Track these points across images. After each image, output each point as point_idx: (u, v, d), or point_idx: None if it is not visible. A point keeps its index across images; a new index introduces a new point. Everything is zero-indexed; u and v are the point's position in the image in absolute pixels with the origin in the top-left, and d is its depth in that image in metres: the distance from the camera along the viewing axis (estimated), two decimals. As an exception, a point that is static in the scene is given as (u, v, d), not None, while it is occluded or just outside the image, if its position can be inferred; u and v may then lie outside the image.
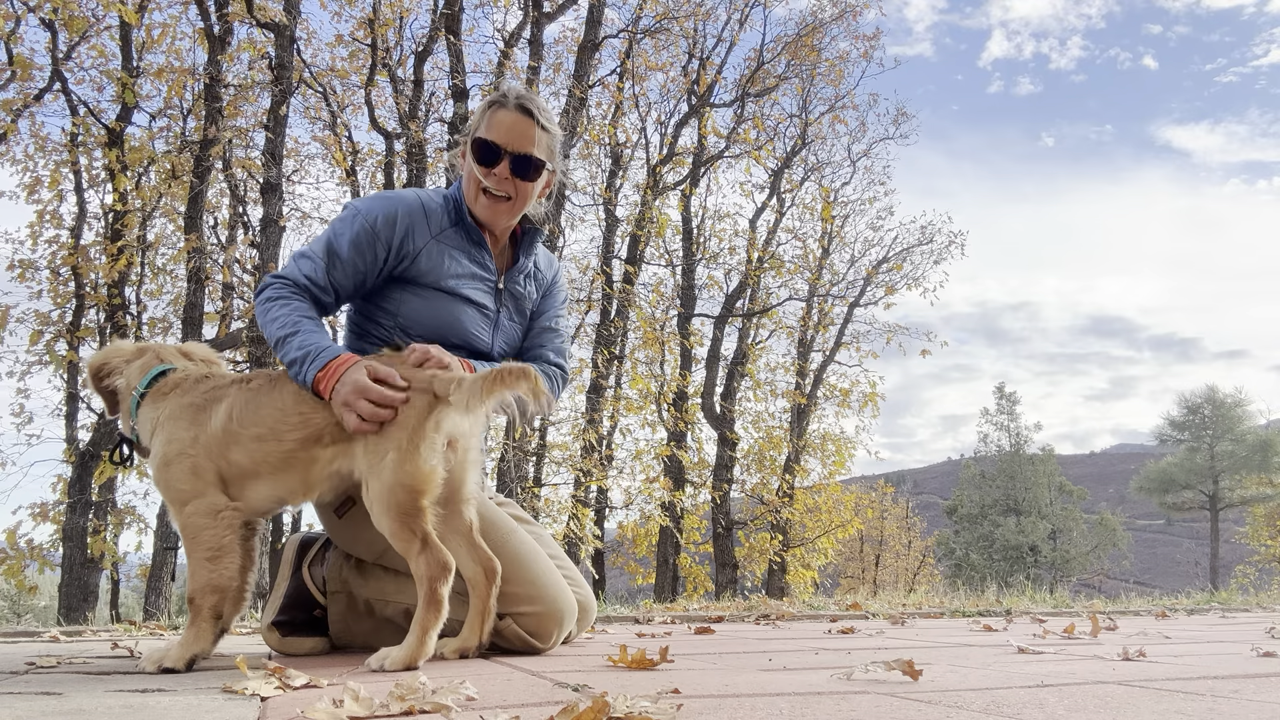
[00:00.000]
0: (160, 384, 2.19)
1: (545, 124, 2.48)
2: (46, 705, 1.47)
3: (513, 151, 2.43)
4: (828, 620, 4.00)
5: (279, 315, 2.25)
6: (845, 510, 18.61)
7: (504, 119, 2.44)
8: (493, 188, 2.44)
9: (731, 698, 1.51)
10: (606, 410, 14.28)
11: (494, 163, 2.43)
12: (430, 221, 2.44)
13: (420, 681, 1.44)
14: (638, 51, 14.94)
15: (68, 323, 11.30)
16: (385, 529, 2.01)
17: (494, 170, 2.43)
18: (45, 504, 10.32)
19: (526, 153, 2.44)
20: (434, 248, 2.43)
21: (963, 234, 19.05)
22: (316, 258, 2.35)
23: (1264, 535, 33.01)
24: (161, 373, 2.21)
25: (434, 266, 2.42)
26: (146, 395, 2.18)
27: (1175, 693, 1.58)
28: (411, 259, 2.41)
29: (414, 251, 2.41)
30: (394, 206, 2.40)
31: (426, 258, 2.42)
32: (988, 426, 45.77)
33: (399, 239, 2.39)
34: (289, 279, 2.34)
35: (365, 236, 2.35)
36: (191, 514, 2.05)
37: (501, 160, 2.42)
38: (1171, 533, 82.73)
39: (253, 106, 12.00)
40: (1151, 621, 4.06)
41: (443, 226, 2.46)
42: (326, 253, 2.35)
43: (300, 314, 2.26)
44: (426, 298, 2.43)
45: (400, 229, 2.38)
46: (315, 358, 2.14)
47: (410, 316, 2.43)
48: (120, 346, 2.32)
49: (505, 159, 2.42)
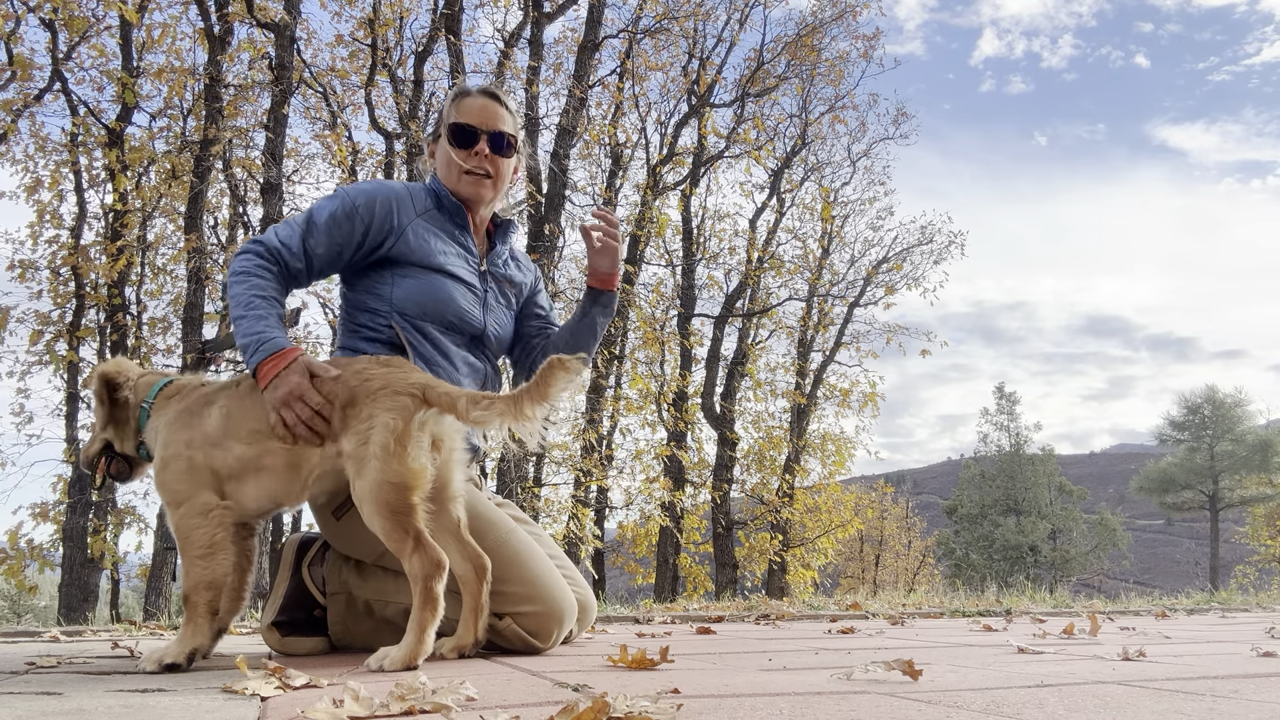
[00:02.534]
0: (162, 394, 2.25)
1: (509, 106, 2.60)
2: (46, 705, 1.47)
3: (488, 130, 2.54)
4: (828, 620, 4.00)
5: (237, 294, 2.29)
6: (845, 510, 18.61)
7: (473, 103, 2.56)
8: (473, 167, 2.53)
9: (731, 698, 1.51)
10: (606, 410, 14.29)
11: (472, 143, 2.53)
12: (414, 203, 2.51)
13: (420, 681, 1.44)
14: (638, 51, 14.94)
15: (68, 323, 11.30)
16: (377, 528, 2.02)
17: (473, 150, 2.52)
18: (45, 504, 10.33)
19: (500, 129, 2.55)
20: (419, 225, 2.48)
21: (963, 234, 19.07)
22: (295, 224, 2.42)
23: (1264, 535, 33.02)
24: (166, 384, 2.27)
25: (420, 244, 2.47)
26: (153, 406, 2.23)
27: (1175, 693, 1.58)
28: (397, 236, 2.45)
29: (398, 228, 2.45)
30: (376, 189, 2.48)
31: (413, 234, 2.46)
32: (987, 426, 45.78)
33: (379, 218, 2.43)
34: (261, 243, 2.38)
35: (343, 212, 2.41)
36: (184, 515, 2.08)
37: (479, 139, 2.53)
38: (1171, 533, 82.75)
39: (253, 106, 12.00)
40: (1151, 621, 4.06)
41: (426, 207, 2.53)
42: (306, 220, 2.41)
43: (256, 292, 2.28)
44: (417, 276, 2.46)
45: (381, 209, 2.44)
46: (258, 348, 2.19)
47: (402, 297, 2.45)
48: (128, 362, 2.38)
49: (482, 137, 2.53)
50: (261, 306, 2.27)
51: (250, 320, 2.24)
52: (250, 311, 2.25)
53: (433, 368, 2.42)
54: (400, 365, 2.17)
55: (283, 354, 2.16)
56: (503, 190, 2.63)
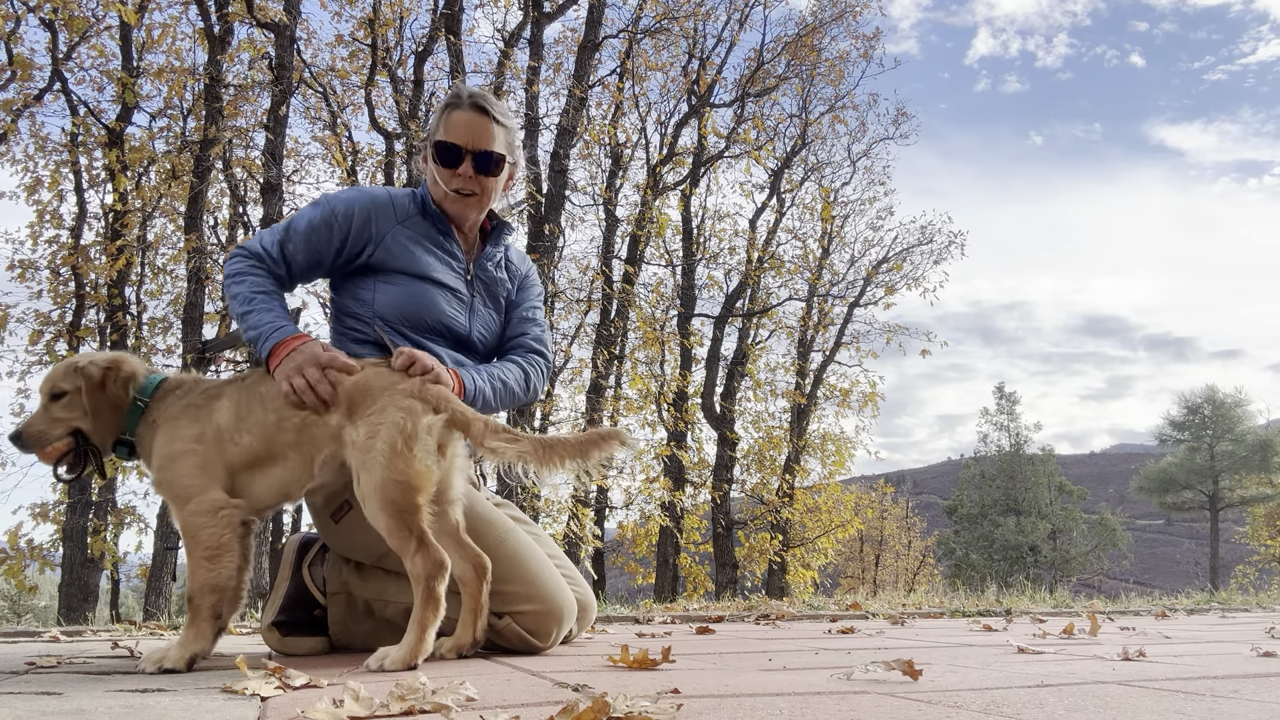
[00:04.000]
0: (160, 390, 2.23)
1: (501, 119, 2.53)
2: (46, 705, 1.47)
3: (473, 149, 2.48)
4: (828, 620, 4.00)
5: (237, 292, 2.35)
6: (845, 510, 18.61)
7: (460, 119, 2.49)
8: (458, 188, 2.50)
9: (731, 698, 1.51)
10: (606, 410, 14.28)
11: (456, 163, 2.48)
12: (396, 211, 2.50)
13: (420, 681, 1.44)
14: (638, 51, 14.93)
15: (68, 323, 11.31)
16: (381, 526, 2.03)
17: (458, 171, 2.48)
18: (45, 504, 10.34)
19: (486, 149, 2.49)
20: (399, 233, 2.47)
21: (963, 234, 19.08)
22: (276, 230, 2.45)
23: (1264, 535, 33.02)
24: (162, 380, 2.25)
25: (401, 252, 2.46)
26: (150, 402, 2.21)
27: (1175, 693, 1.58)
28: (376, 244, 2.44)
29: (376, 237, 2.45)
30: (356, 197, 2.47)
31: (393, 242, 2.46)
32: (987, 426, 45.76)
33: (356, 227, 2.43)
34: (247, 249, 2.42)
35: (322, 220, 2.43)
36: (192, 512, 2.06)
37: (463, 160, 2.48)
38: (1171, 533, 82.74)
39: (253, 106, 12.00)
40: (1151, 621, 4.06)
41: (409, 214, 2.52)
42: (286, 227, 2.44)
43: (254, 289, 2.34)
44: (398, 283, 2.46)
45: (359, 218, 2.44)
46: (270, 335, 2.24)
47: (384, 304, 2.45)
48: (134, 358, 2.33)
49: (467, 158, 2.48)
50: (264, 300, 2.31)
51: (257, 313, 2.28)
52: (255, 305, 2.29)
53: None
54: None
55: (293, 338, 2.22)
56: (490, 204, 2.61)
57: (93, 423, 2.19)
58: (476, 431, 2.09)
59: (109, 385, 2.19)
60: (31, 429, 2.19)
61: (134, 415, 2.21)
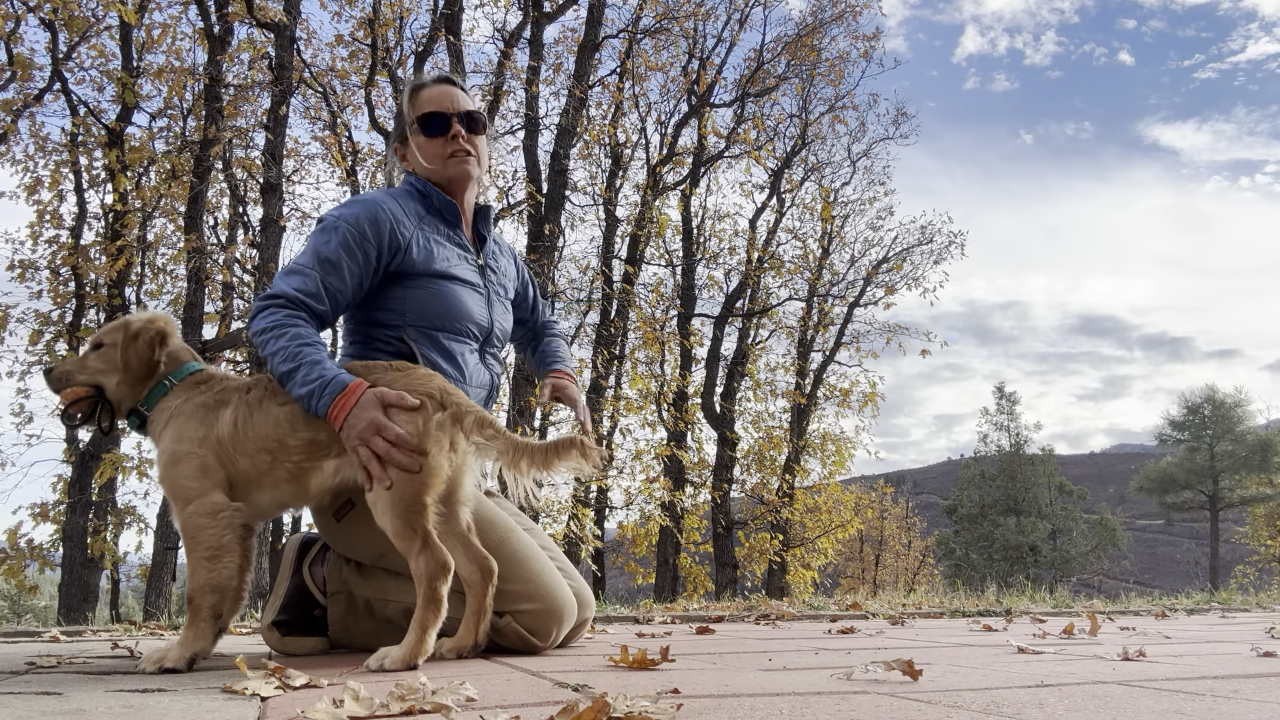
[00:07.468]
0: (191, 378, 2.22)
1: (465, 88, 2.62)
2: (46, 705, 1.47)
3: (456, 111, 2.55)
4: (828, 620, 4.00)
5: (279, 348, 2.16)
6: (845, 510, 18.60)
7: (432, 93, 2.57)
8: (455, 149, 2.53)
9: (731, 698, 1.51)
10: (606, 410, 14.28)
11: (446, 128, 2.53)
12: (408, 211, 2.48)
13: (420, 681, 1.44)
14: (638, 51, 14.94)
15: (68, 323, 11.31)
16: (387, 526, 2.03)
17: (450, 134, 2.52)
18: (45, 504, 10.33)
19: (468, 110, 2.57)
20: (420, 235, 2.46)
21: (963, 234, 19.12)
22: (306, 269, 2.29)
23: (1264, 535, 33.04)
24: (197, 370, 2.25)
25: (426, 254, 2.45)
26: (175, 388, 2.20)
27: (1175, 693, 1.58)
28: (405, 251, 2.41)
29: (405, 243, 2.42)
30: (372, 206, 2.39)
31: (417, 246, 2.44)
32: (987, 426, 45.75)
33: (388, 235, 2.38)
34: (281, 296, 2.25)
35: (354, 238, 2.33)
36: (193, 513, 2.06)
37: (451, 123, 2.53)
38: (1171, 533, 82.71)
39: (253, 106, 12.01)
40: (1151, 621, 4.06)
41: (420, 213, 2.51)
42: (317, 262, 2.30)
43: (299, 342, 2.17)
44: (427, 287, 2.44)
45: (386, 225, 2.38)
46: (323, 392, 2.09)
47: (417, 310, 2.43)
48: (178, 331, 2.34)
49: (454, 119, 2.53)
50: (311, 353, 2.15)
51: (306, 367, 2.12)
52: (302, 360, 2.13)
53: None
54: (415, 370, 2.20)
55: (350, 390, 2.08)
56: (484, 169, 2.64)
57: (120, 377, 2.20)
58: (468, 425, 2.09)
59: (141, 338, 2.20)
60: (61, 367, 2.26)
61: (158, 392, 2.20)
